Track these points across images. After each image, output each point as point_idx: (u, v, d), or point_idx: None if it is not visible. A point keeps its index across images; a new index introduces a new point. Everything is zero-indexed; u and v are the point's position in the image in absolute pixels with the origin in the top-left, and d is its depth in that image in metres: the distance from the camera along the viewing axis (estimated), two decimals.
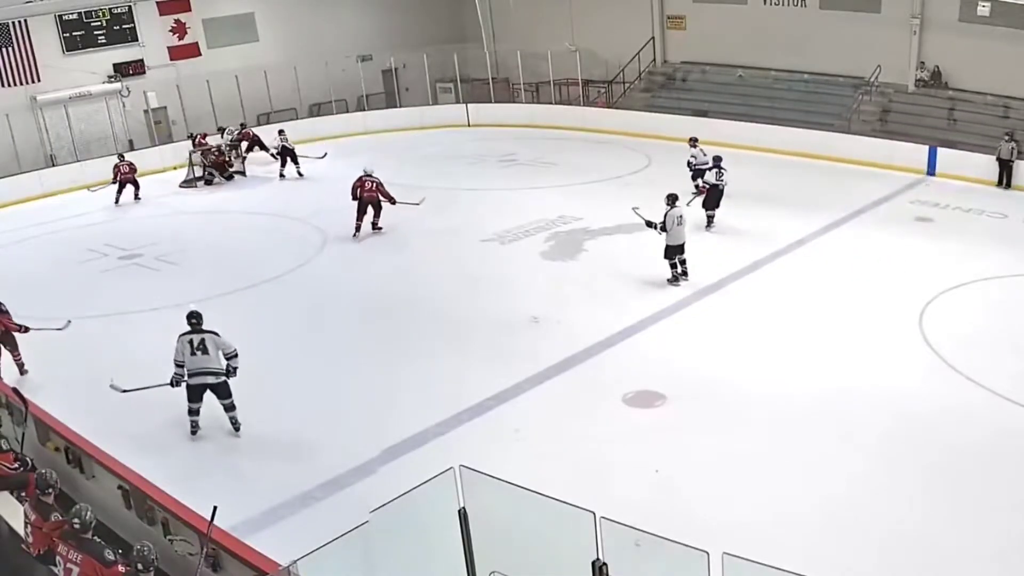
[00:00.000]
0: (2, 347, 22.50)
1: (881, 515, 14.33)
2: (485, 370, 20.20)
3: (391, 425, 18.09)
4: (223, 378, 17.78)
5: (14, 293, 24.04)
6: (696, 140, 33.49)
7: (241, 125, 45.44)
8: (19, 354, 22.55)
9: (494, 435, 17.53)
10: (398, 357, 21.56)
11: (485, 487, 10.01)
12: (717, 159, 29.90)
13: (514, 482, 9.73)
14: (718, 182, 29.40)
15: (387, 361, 21.38)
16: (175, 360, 17.77)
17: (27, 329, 22.60)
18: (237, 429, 18.08)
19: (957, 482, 15.18)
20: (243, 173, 42.34)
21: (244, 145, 43.32)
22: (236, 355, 17.71)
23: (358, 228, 31.37)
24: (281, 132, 42.25)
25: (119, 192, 39.77)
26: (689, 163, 33.06)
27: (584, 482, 14.40)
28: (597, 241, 28.50)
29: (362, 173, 31.47)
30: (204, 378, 17.79)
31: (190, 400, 17.94)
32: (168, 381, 17.74)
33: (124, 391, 17.96)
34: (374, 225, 31.66)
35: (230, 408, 18.00)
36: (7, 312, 22.42)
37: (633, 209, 25.82)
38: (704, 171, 31.29)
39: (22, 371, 22.56)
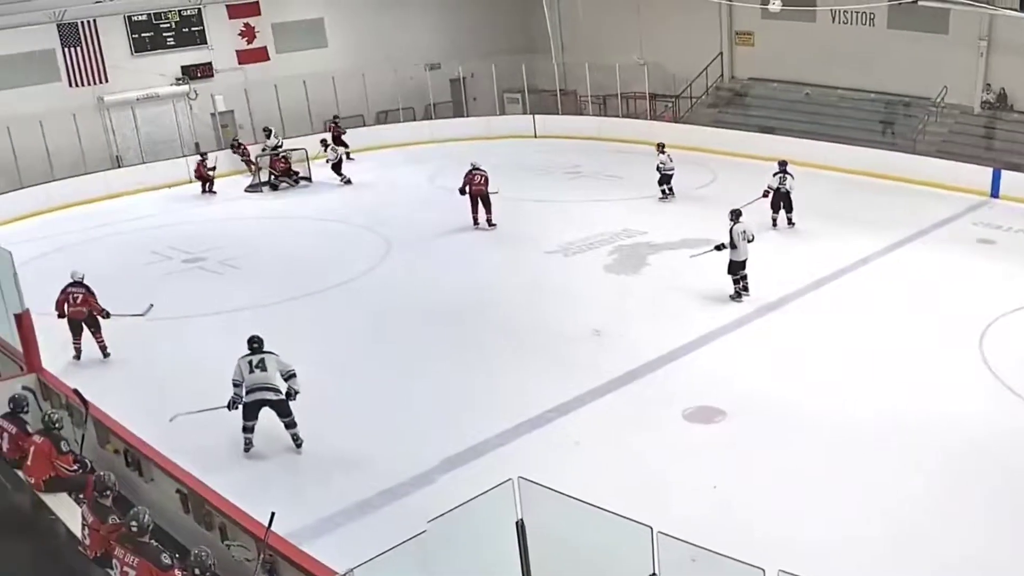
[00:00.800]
0: (85, 328, 23.14)
1: (942, 539, 14.20)
2: (546, 381, 20.20)
3: (451, 434, 18.13)
4: (282, 395, 17.76)
5: None
6: (663, 145, 35.01)
7: (335, 121, 46.50)
8: (102, 336, 23.34)
9: (554, 447, 17.52)
10: (460, 366, 21.64)
11: (543, 499, 10.03)
12: (782, 164, 30.34)
13: (572, 495, 9.74)
14: (779, 186, 29.91)
15: (449, 370, 21.45)
16: (233, 380, 17.77)
17: (109, 314, 23.31)
18: (299, 446, 18.00)
19: (1021, 507, 14.97)
20: (308, 179, 42.54)
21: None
22: (295, 375, 17.73)
23: (475, 220, 32.53)
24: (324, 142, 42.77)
25: (205, 186, 41.88)
26: (658, 168, 34.71)
27: (642, 496, 14.36)
28: (660, 255, 28.41)
29: (471, 167, 32.30)
30: (262, 394, 17.71)
31: (245, 418, 17.87)
32: (225, 404, 17.70)
33: (177, 416, 17.91)
34: (489, 221, 32.39)
35: (291, 425, 17.93)
36: (93, 294, 23.20)
37: (691, 256, 26.13)
38: (671, 176, 34.80)
39: (104, 353, 23.40)
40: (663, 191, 35.14)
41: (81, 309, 23.03)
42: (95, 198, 41.75)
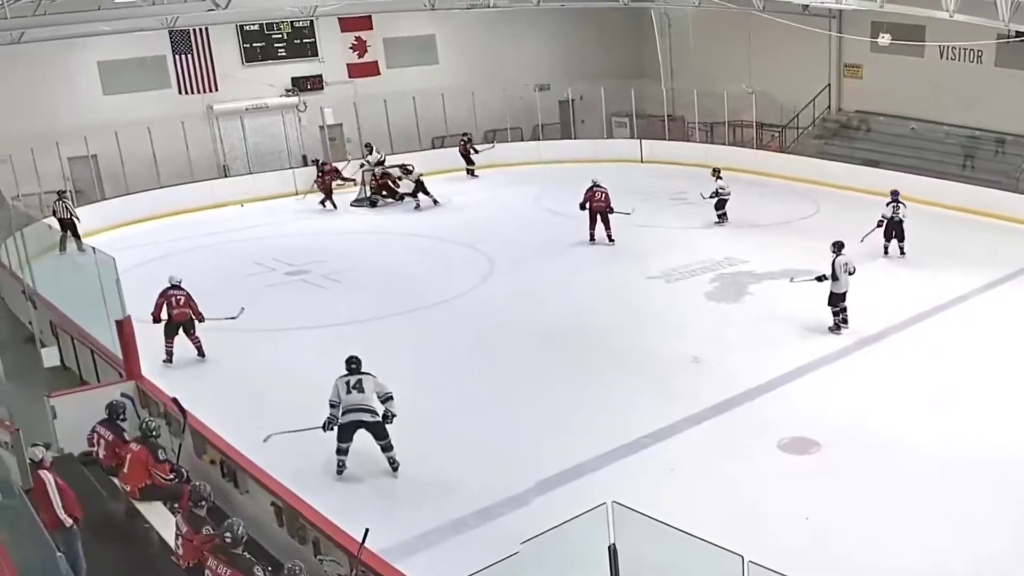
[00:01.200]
0: (181, 331, 23.72)
1: None
2: (644, 407, 20.26)
3: (547, 456, 18.19)
4: (378, 417, 17.64)
5: None
6: (719, 171, 36.00)
7: (467, 137, 47.64)
8: (198, 337, 23.95)
9: (648, 472, 17.54)
10: (559, 388, 21.70)
11: (636, 524, 10.16)
12: (895, 193, 30.45)
13: (665, 521, 9.88)
14: (893, 215, 30.05)
15: (547, 392, 21.53)
16: (330, 401, 17.69)
17: (204, 318, 23.93)
18: (395, 469, 17.86)
19: None
20: (414, 195, 42.60)
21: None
22: (392, 398, 17.71)
23: (592, 236, 33.04)
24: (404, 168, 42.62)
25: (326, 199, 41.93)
26: (716, 193, 35.29)
27: (734, 525, 14.38)
28: (761, 285, 28.39)
29: (592, 183, 32.85)
30: (359, 415, 17.62)
31: (340, 439, 17.72)
32: (320, 425, 17.69)
33: (271, 436, 18.07)
34: (609, 237, 32.93)
35: (387, 448, 17.79)
36: (192, 297, 23.87)
37: (792, 281, 26.24)
38: (727, 201, 35.56)
39: (201, 353, 24.08)
40: (719, 216, 35.68)
41: (185, 311, 23.67)
42: (201, 207, 42.44)
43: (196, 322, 24.02)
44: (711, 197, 35.69)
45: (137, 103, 44.00)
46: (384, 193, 42.21)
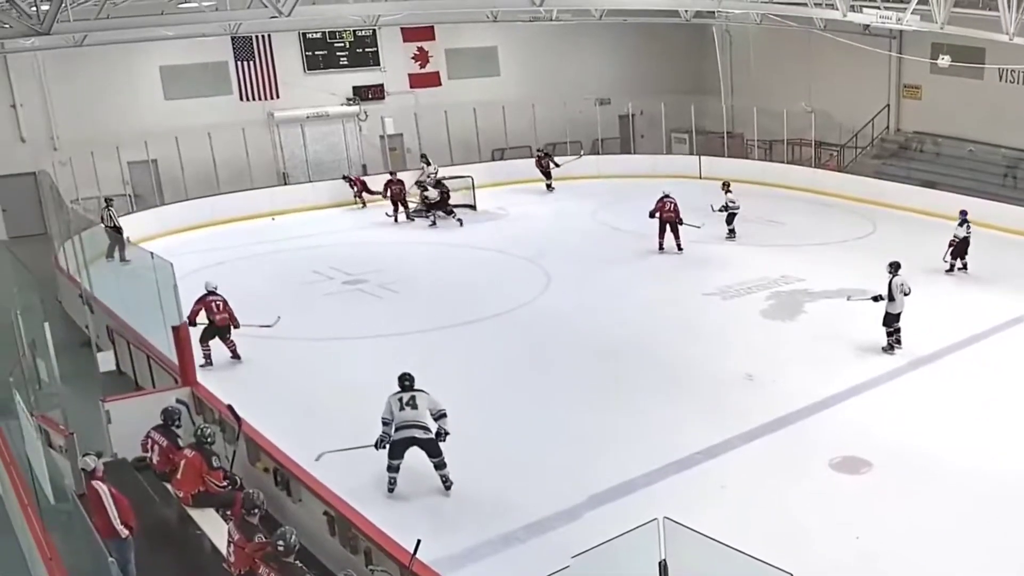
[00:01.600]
0: (216, 337, 24.07)
1: None
2: (697, 423, 20.28)
3: (600, 471, 18.23)
4: (431, 434, 17.42)
5: (237, 307, 25.01)
6: (729, 184, 36.45)
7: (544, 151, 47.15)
8: (232, 341, 24.23)
9: (700, 489, 17.57)
10: (612, 403, 21.75)
11: (687, 541, 10.22)
12: (963, 213, 30.71)
13: (716, 538, 9.98)
14: (967, 235, 30.30)
15: (601, 406, 21.55)
16: (383, 419, 17.48)
17: (239, 325, 24.22)
18: (448, 487, 17.62)
19: None
20: (473, 207, 42.81)
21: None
22: (445, 415, 17.50)
23: (661, 246, 33.85)
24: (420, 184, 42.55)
25: (395, 210, 41.61)
26: (726, 206, 35.77)
27: (785, 543, 14.46)
28: (817, 304, 28.38)
29: (662, 194, 33.59)
30: (412, 431, 17.37)
31: (391, 456, 17.49)
32: (372, 443, 17.45)
33: (323, 454, 17.62)
34: (678, 246, 33.72)
35: (440, 466, 17.55)
36: (229, 304, 24.14)
37: (848, 299, 26.21)
38: (735, 214, 36.19)
39: (235, 355, 24.34)
40: (729, 231, 36.19)
41: (225, 316, 24.02)
42: (259, 214, 42.73)
43: (232, 327, 24.39)
44: (721, 210, 36.03)
45: (198, 109, 44.64)
46: (430, 209, 41.88)
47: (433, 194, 40.83)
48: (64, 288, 31.29)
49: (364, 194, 44.39)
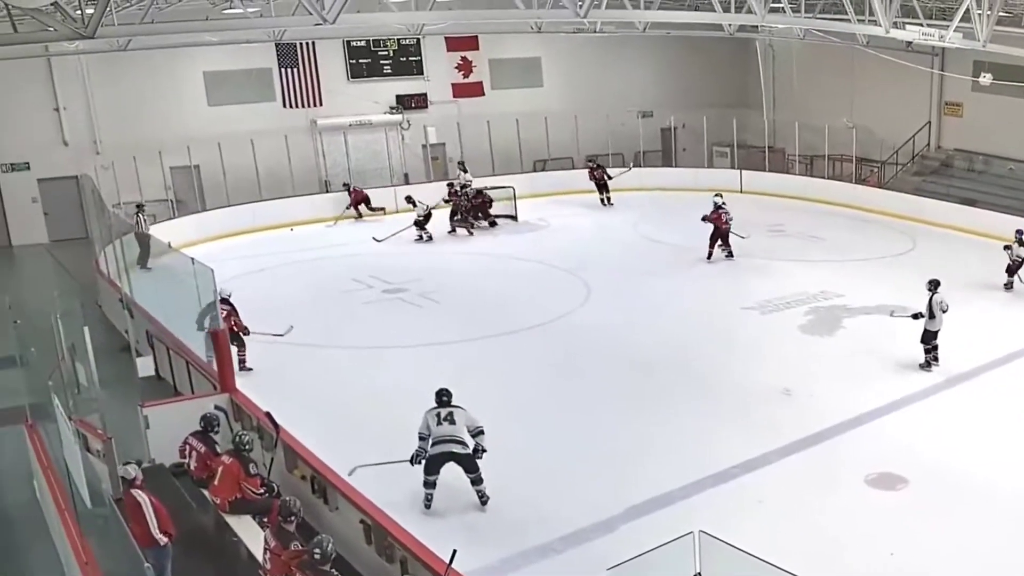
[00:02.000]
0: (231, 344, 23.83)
1: None
2: (734, 437, 20.31)
3: (637, 483, 18.28)
4: (468, 450, 17.33)
5: (275, 313, 25.26)
6: (720, 195, 35.81)
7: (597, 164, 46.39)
8: (244, 351, 24.00)
9: (736, 503, 17.60)
10: (650, 415, 21.81)
11: (722, 554, 10.28)
12: (1019, 232, 30.64)
13: (751, 552, 10.08)
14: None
15: (639, 418, 21.65)
16: (420, 433, 17.38)
17: (248, 332, 24.10)
18: (484, 503, 17.54)
19: None
20: (514, 218, 42.87)
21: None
22: (482, 432, 17.43)
23: (710, 255, 34.30)
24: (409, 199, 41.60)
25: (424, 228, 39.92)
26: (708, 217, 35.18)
27: (819, 558, 14.54)
28: (855, 319, 28.33)
29: (716, 204, 34.25)
30: (448, 446, 17.24)
31: (427, 472, 17.34)
32: (408, 458, 17.36)
33: (357, 468, 17.31)
34: (729, 254, 34.46)
35: (477, 482, 17.45)
36: (237, 312, 23.96)
37: (891, 314, 26.16)
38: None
39: (242, 367, 23.68)
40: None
41: (231, 324, 23.56)
42: (301, 221, 42.82)
43: (242, 336, 24.26)
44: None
45: (241, 115, 44.99)
46: (480, 215, 42.08)
47: (421, 209, 40.21)
48: (104, 292, 31.48)
49: (362, 206, 44.25)
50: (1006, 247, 30.75)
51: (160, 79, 43.96)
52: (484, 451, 17.44)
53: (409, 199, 41.26)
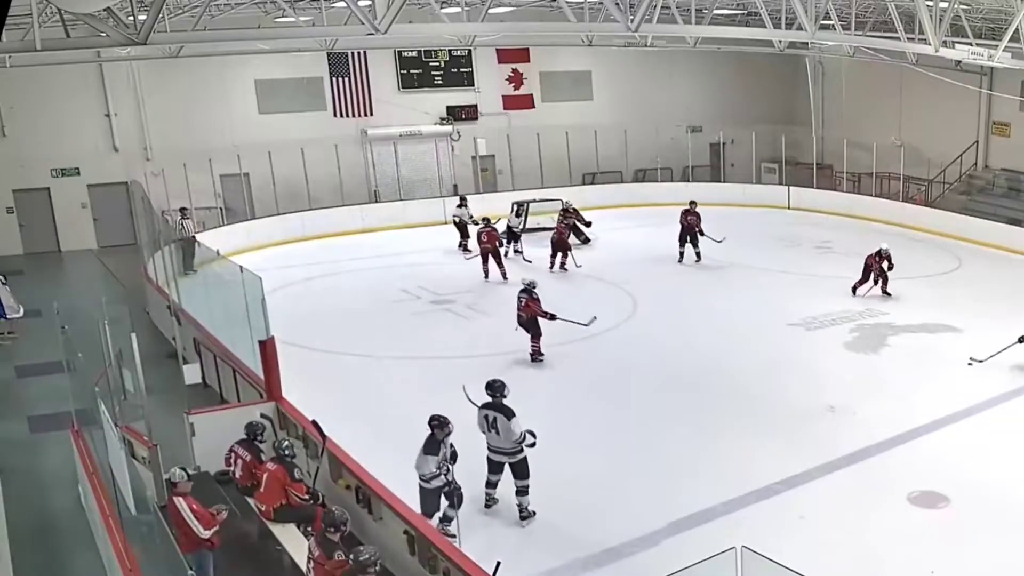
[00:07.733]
0: (524, 331, 25.07)
1: None
2: (777, 453, 20.37)
3: (680, 497, 18.38)
4: (518, 459, 17.42)
5: (325, 323, 25.36)
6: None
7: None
8: (538, 342, 25.37)
9: (779, 519, 17.70)
10: (695, 429, 21.92)
11: (764, 570, 10.37)
12: None
13: (792, 568, 10.16)
14: None
15: (683, 432, 21.76)
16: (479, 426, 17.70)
17: (554, 317, 25.23)
18: (524, 518, 17.60)
19: None
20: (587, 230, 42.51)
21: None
22: (524, 440, 17.37)
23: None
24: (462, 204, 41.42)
25: (484, 264, 36.01)
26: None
27: (860, 575, 14.74)
28: (901, 337, 28.38)
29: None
30: (498, 456, 17.59)
31: (490, 472, 17.76)
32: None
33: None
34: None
35: (521, 492, 17.57)
36: (537, 299, 25.17)
37: (971, 361, 25.58)
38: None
39: (535, 358, 25.51)
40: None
41: None
42: (349, 231, 43.26)
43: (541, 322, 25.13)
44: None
45: (292, 123, 45.33)
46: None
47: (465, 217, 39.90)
48: (152, 299, 31.66)
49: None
50: None
51: (211, 86, 44.41)
52: (531, 445, 17.51)
53: (518, 206, 42.09)
